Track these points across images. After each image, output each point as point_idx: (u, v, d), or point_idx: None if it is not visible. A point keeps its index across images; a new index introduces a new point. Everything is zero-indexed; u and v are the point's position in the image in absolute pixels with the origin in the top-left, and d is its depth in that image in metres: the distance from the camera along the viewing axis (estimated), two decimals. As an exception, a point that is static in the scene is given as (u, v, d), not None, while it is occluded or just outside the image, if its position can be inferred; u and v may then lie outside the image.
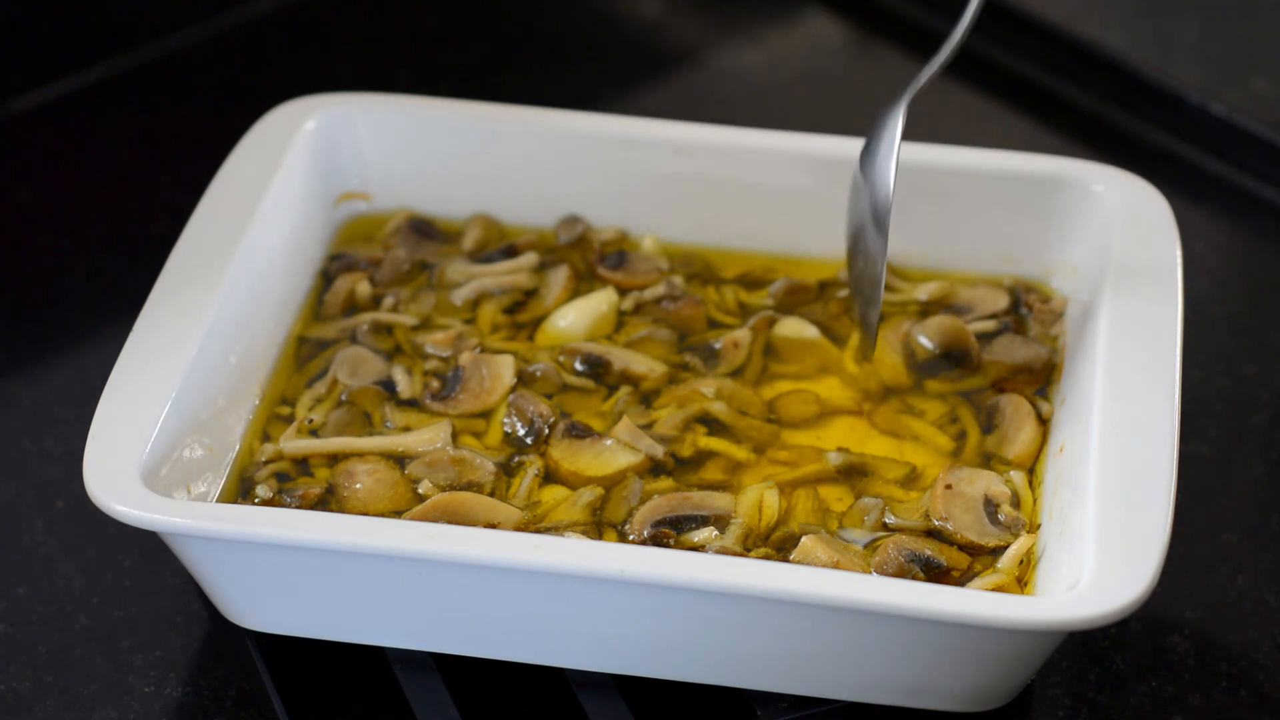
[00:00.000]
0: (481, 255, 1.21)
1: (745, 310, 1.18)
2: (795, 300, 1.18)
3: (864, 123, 1.12)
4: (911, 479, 1.07)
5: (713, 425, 1.09)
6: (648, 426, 1.08)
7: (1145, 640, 1.05)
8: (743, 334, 1.15)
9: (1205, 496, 1.13)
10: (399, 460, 1.07)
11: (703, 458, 1.07)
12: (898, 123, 1.08)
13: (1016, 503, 1.05)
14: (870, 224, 1.08)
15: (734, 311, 1.18)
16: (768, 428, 1.09)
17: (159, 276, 1.09)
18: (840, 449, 1.08)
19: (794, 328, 1.16)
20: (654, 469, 1.06)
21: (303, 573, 0.98)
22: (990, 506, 1.04)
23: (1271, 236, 1.36)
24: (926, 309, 1.17)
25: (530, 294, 1.19)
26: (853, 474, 1.07)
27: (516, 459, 1.07)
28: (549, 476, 1.06)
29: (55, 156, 1.44)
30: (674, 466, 1.07)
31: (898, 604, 0.91)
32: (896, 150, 1.07)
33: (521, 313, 1.18)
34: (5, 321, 1.28)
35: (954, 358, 1.13)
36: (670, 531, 1.02)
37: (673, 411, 1.10)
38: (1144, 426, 0.99)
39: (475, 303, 1.18)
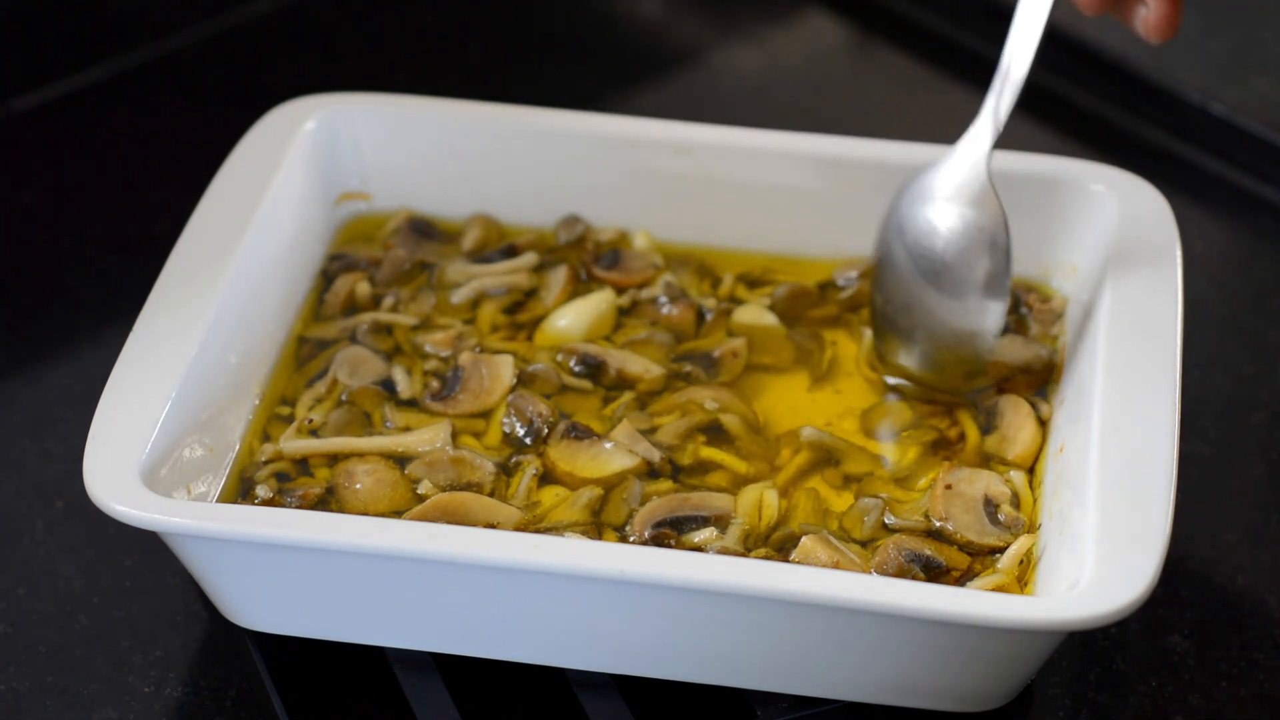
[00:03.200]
0: (481, 255, 1.21)
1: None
2: (798, 305, 1.17)
3: (864, 123, 1.12)
4: (896, 475, 1.07)
5: (716, 435, 1.09)
6: (649, 432, 1.08)
7: (1145, 640, 1.05)
8: (740, 343, 1.14)
9: (1205, 496, 1.13)
10: (399, 460, 1.07)
11: (703, 467, 1.07)
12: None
13: (1016, 503, 1.05)
14: (924, 281, 1.09)
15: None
16: (772, 445, 1.09)
17: (159, 276, 1.09)
18: (809, 426, 1.08)
19: (753, 314, 1.16)
20: (652, 473, 1.06)
21: (303, 573, 0.98)
22: (990, 506, 1.04)
23: (1271, 236, 1.36)
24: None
25: (530, 294, 1.19)
26: (830, 458, 1.07)
27: (515, 459, 1.07)
28: (546, 477, 1.06)
29: (55, 156, 1.44)
30: (671, 473, 1.07)
31: (898, 604, 0.91)
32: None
33: (521, 313, 1.18)
34: (5, 321, 1.28)
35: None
36: (671, 532, 1.02)
37: (675, 419, 1.09)
38: (1144, 426, 0.99)
39: (475, 303, 1.18)
